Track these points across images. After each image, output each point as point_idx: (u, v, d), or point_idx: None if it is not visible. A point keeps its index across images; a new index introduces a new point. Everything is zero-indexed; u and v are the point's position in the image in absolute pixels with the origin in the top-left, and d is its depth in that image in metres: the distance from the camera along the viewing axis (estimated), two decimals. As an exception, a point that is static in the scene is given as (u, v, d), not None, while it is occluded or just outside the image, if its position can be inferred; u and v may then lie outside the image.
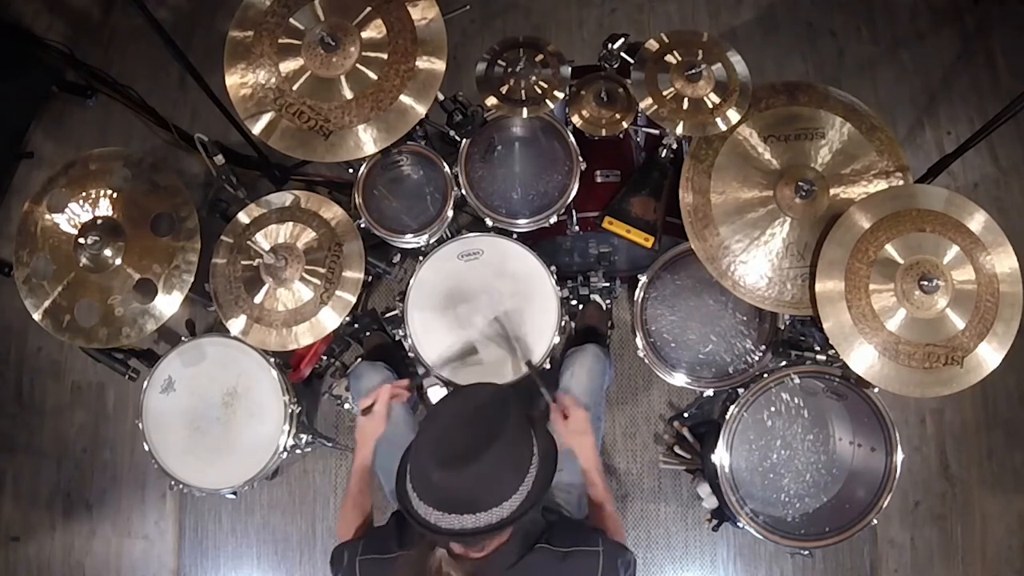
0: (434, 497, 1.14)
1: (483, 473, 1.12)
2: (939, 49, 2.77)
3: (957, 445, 2.45)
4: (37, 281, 1.87)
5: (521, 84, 1.81)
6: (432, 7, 1.70)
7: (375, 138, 1.67)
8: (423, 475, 1.16)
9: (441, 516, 1.13)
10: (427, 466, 1.14)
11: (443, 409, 1.24)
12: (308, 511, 2.49)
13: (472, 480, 1.12)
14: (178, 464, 1.97)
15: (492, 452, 1.13)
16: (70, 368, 2.66)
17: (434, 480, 1.13)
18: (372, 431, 1.60)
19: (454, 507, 1.13)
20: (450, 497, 1.13)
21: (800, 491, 2.04)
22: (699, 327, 2.08)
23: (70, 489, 2.58)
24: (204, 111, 2.63)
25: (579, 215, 2.00)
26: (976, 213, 1.68)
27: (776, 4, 2.85)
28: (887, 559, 2.39)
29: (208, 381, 2.00)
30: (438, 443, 1.16)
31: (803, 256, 1.75)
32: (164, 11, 2.92)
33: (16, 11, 2.94)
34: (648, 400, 2.48)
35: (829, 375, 1.90)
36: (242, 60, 1.70)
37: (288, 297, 1.89)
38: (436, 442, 1.16)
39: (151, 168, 1.91)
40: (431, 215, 2.02)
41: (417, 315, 1.95)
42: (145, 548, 2.53)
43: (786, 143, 1.80)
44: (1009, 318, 1.65)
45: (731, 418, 1.90)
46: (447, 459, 1.13)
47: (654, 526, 2.41)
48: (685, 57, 1.73)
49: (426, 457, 1.15)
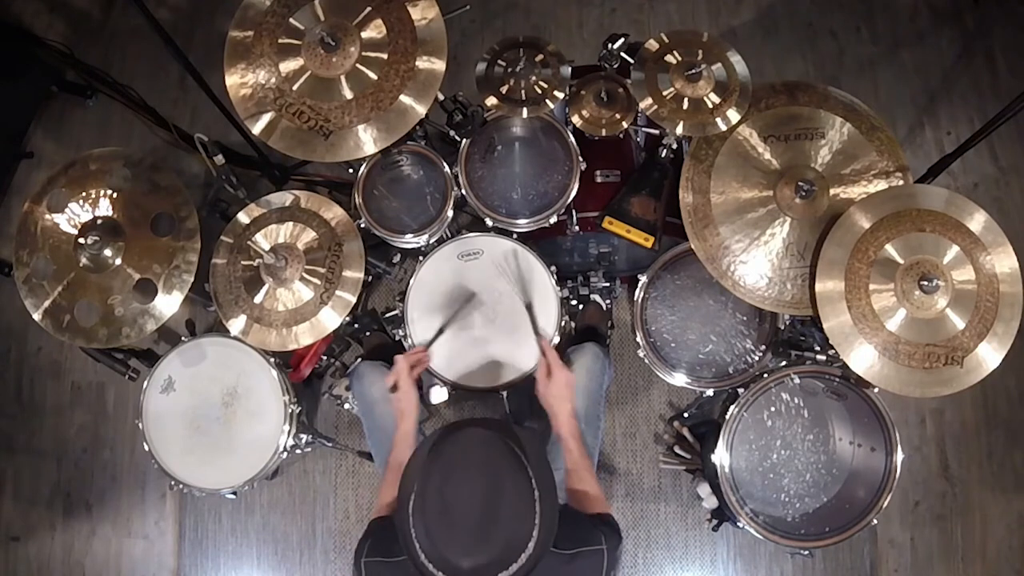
0: (451, 571, 1.11)
1: (496, 545, 1.10)
2: (939, 49, 2.77)
3: (957, 445, 2.45)
4: (37, 281, 1.87)
5: (521, 84, 1.81)
6: (432, 7, 1.70)
7: (375, 138, 1.67)
8: (434, 553, 1.12)
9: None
10: (437, 547, 1.11)
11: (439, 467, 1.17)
12: (308, 511, 2.49)
13: (486, 556, 1.10)
14: (178, 464, 1.97)
15: (501, 522, 1.10)
16: (70, 368, 2.66)
17: (446, 561, 1.11)
18: (407, 405, 1.63)
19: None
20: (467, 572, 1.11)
21: (800, 491, 2.04)
22: (699, 327, 2.08)
23: (70, 489, 2.58)
24: (204, 111, 2.63)
25: (579, 215, 2.00)
26: (976, 213, 1.68)
27: (776, 4, 2.85)
28: (887, 559, 2.39)
29: (208, 381, 2.00)
30: (445, 517, 1.11)
31: (803, 256, 1.75)
32: (164, 11, 2.93)
33: (16, 11, 2.94)
34: (648, 400, 2.48)
35: (829, 375, 1.90)
36: (242, 60, 1.69)
37: (288, 297, 1.89)
38: (442, 516, 1.12)
39: (151, 168, 1.91)
40: (431, 215, 2.02)
41: (417, 315, 1.95)
42: (145, 548, 2.53)
43: (786, 143, 1.80)
44: (1009, 318, 1.65)
45: (731, 418, 1.90)
46: (459, 545, 1.10)
47: (654, 526, 2.41)
48: (685, 57, 1.73)
49: (435, 537, 1.12)
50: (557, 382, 1.57)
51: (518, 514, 1.14)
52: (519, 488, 1.15)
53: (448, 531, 1.11)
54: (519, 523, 1.14)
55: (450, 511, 1.12)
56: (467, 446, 1.20)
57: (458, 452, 1.19)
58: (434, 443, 1.21)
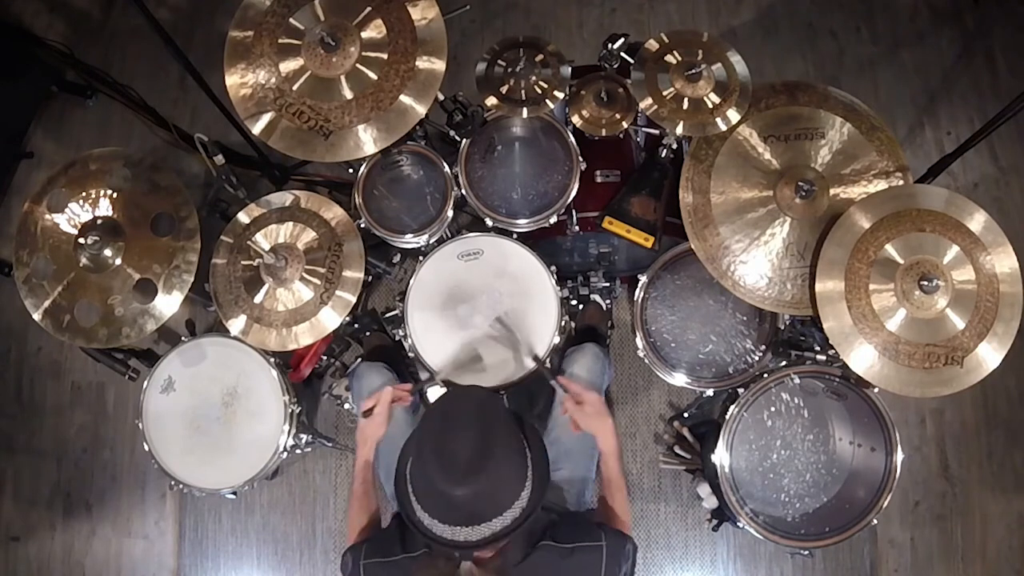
0: (440, 511, 1.15)
1: (487, 485, 1.13)
2: (939, 49, 2.77)
3: (957, 445, 2.45)
4: (37, 281, 1.87)
5: (521, 84, 1.81)
6: (432, 7, 1.70)
7: (375, 138, 1.67)
8: (427, 490, 1.16)
9: (447, 528, 1.15)
10: (431, 481, 1.14)
11: (437, 417, 1.23)
12: (308, 511, 2.49)
13: (476, 493, 1.13)
14: (178, 464, 1.97)
15: (494, 462, 1.14)
16: (70, 368, 2.66)
17: (439, 495, 1.14)
18: (373, 433, 1.60)
19: (460, 520, 1.14)
20: (456, 511, 1.14)
21: (800, 491, 2.04)
22: (699, 327, 2.08)
23: (70, 489, 2.58)
24: (204, 111, 2.63)
25: (579, 215, 2.00)
26: (976, 213, 1.68)
27: (776, 4, 2.85)
28: (887, 559, 2.39)
29: (208, 381, 2.00)
30: (439, 457, 1.15)
31: (803, 256, 1.75)
32: (164, 11, 2.93)
33: (16, 11, 2.95)
34: (648, 400, 2.48)
35: (829, 375, 1.90)
36: (242, 60, 1.70)
37: (288, 297, 1.89)
38: (437, 455, 1.16)
39: (151, 168, 1.91)
40: (431, 215, 2.02)
41: (417, 315, 1.95)
42: (145, 548, 2.53)
43: (786, 143, 1.80)
44: (1009, 318, 1.65)
45: (731, 418, 1.90)
46: (451, 475, 1.13)
47: (654, 526, 2.41)
48: (685, 57, 1.73)
49: (430, 471, 1.15)
50: (591, 403, 1.55)
51: (510, 458, 1.18)
52: (511, 438, 1.21)
53: (442, 466, 1.14)
54: (510, 468, 1.18)
55: (444, 449, 1.16)
56: (466, 399, 1.27)
57: (457, 403, 1.26)
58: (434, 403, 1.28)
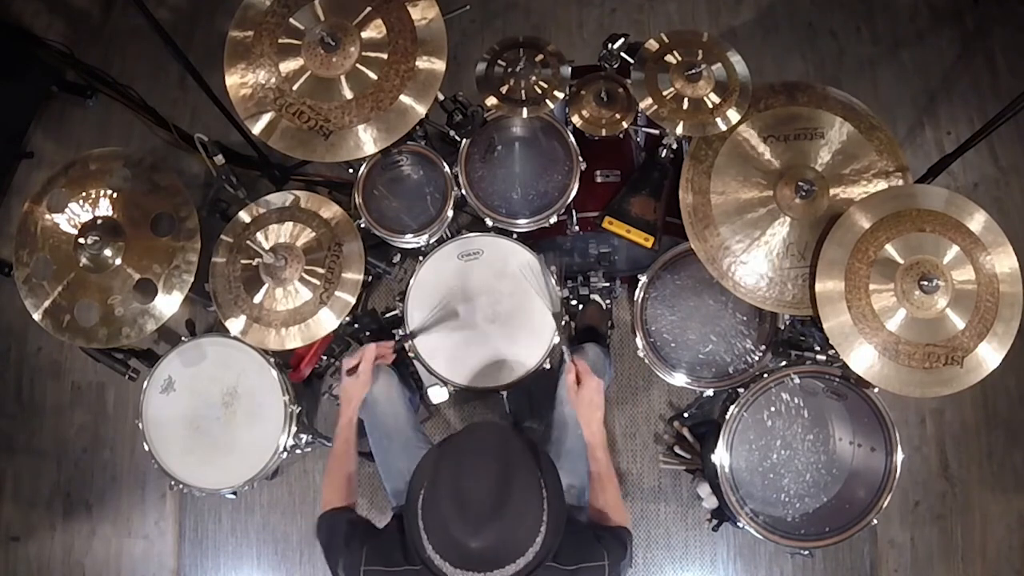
0: (452, 556, 1.13)
1: (503, 533, 1.12)
2: (939, 49, 2.77)
3: (957, 445, 2.45)
4: (37, 281, 1.87)
5: (521, 84, 1.81)
6: (432, 7, 1.70)
7: (375, 138, 1.67)
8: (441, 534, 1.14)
9: (457, 572, 1.13)
10: (445, 527, 1.13)
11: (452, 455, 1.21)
12: (308, 511, 2.49)
13: (492, 543, 1.11)
14: (178, 464, 1.97)
15: (511, 509, 1.12)
16: (70, 368, 2.66)
17: (453, 542, 1.12)
18: (357, 392, 1.66)
19: (473, 566, 1.13)
20: (470, 559, 1.12)
21: (800, 491, 2.04)
22: (699, 327, 2.07)
23: (70, 489, 2.58)
24: (204, 111, 2.63)
25: (579, 215, 2.00)
26: (976, 213, 1.68)
27: (776, 4, 2.85)
28: (887, 559, 2.39)
29: (208, 381, 2.00)
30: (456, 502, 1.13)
31: (803, 256, 1.75)
32: (164, 11, 2.93)
33: (16, 11, 2.95)
34: (648, 400, 2.48)
35: (829, 375, 1.90)
36: (242, 60, 1.70)
37: (288, 297, 1.89)
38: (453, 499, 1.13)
39: (151, 168, 1.91)
40: (431, 215, 2.02)
41: (417, 315, 1.95)
42: (145, 548, 2.53)
43: (786, 143, 1.80)
44: (1009, 318, 1.65)
45: (731, 418, 1.90)
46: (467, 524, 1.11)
47: (654, 526, 2.41)
48: (685, 57, 1.73)
49: (444, 515, 1.13)
50: (588, 388, 1.54)
51: (528, 501, 1.16)
52: (529, 479, 1.18)
53: (459, 511, 1.12)
54: (528, 511, 1.15)
55: (462, 494, 1.14)
56: (481, 436, 1.24)
57: (472, 441, 1.23)
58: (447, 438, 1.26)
